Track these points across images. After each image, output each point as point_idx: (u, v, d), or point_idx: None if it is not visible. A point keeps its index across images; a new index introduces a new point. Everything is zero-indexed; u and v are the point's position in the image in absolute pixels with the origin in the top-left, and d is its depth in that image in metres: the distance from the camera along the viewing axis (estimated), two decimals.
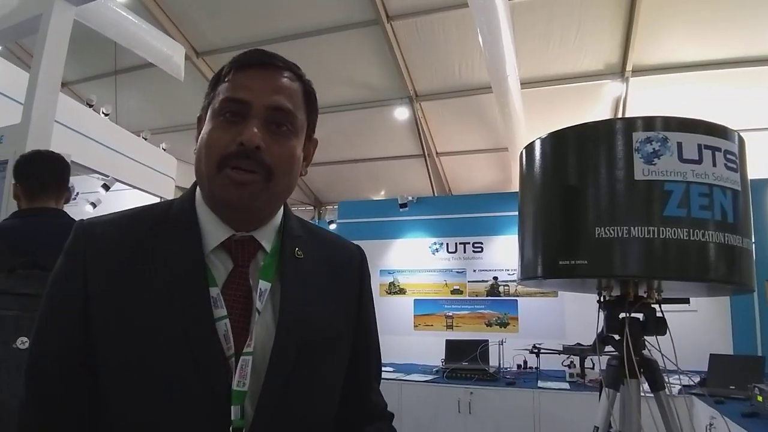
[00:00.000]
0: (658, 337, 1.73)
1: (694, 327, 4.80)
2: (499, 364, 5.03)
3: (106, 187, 5.32)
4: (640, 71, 7.04)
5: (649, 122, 1.53)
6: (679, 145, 1.47)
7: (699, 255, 1.46)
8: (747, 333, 4.82)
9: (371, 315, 1.10)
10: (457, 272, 5.96)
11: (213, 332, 0.83)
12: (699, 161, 1.47)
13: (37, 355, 0.86)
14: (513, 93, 6.51)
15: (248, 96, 0.87)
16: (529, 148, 1.79)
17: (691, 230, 1.43)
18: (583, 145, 1.63)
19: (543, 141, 1.74)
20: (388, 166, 9.78)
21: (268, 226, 0.95)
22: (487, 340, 5.14)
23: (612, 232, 1.47)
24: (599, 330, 1.73)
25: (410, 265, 6.16)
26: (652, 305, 1.65)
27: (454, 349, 5.24)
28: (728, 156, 1.51)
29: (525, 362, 5.17)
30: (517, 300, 5.66)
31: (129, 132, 6.33)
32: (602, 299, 1.74)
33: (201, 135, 0.90)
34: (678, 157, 1.47)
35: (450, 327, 5.85)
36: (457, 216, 6.06)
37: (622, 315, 1.65)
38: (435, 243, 6.10)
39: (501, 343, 5.08)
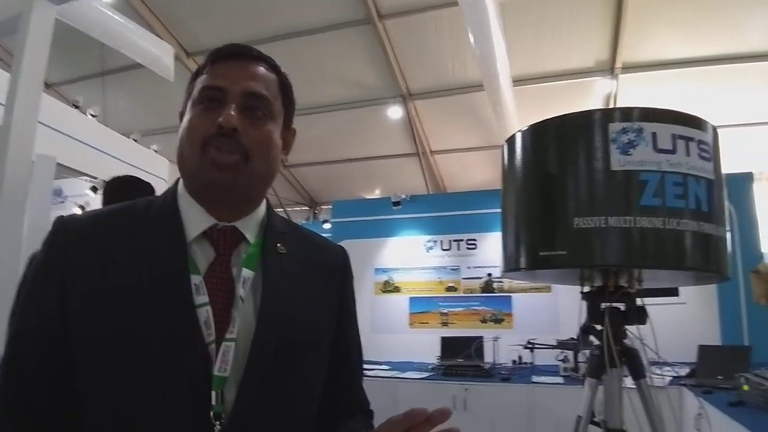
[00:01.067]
0: (642, 328, 1.74)
1: (683, 319, 4.85)
2: (494, 360, 5.04)
3: (95, 189, 5.31)
4: (629, 68, 7.08)
5: (624, 113, 1.55)
6: (654, 135, 1.49)
7: (675, 243, 1.47)
8: (734, 323, 4.87)
9: (353, 314, 1.12)
10: (452, 269, 5.97)
11: (194, 318, 0.84)
12: (673, 151, 1.48)
13: (14, 348, 0.87)
14: (504, 90, 6.53)
15: (224, 83, 0.91)
16: (510, 140, 1.80)
17: (667, 219, 1.45)
18: (562, 136, 1.64)
19: (524, 134, 1.76)
20: (383, 165, 9.78)
21: (250, 218, 0.97)
22: (482, 337, 5.15)
23: (591, 222, 1.49)
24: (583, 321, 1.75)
25: (405, 263, 6.17)
26: (633, 295, 1.66)
27: (449, 346, 5.24)
28: (702, 146, 1.52)
29: (520, 358, 5.18)
30: (511, 296, 5.68)
31: (118, 133, 6.34)
32: (584, 290, 1.75)
33: (182, 125, 0.93)
34: (653, 147, 1.48)
35: (445, 324, 5.87)
36: (451, 213, 6.07)
37: (603, 305, 1.67)
38: (429, 241, 6.12)
39: (495, 339, 5.10)
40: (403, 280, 6.13)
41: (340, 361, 1.06)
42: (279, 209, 11.09)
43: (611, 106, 7.36)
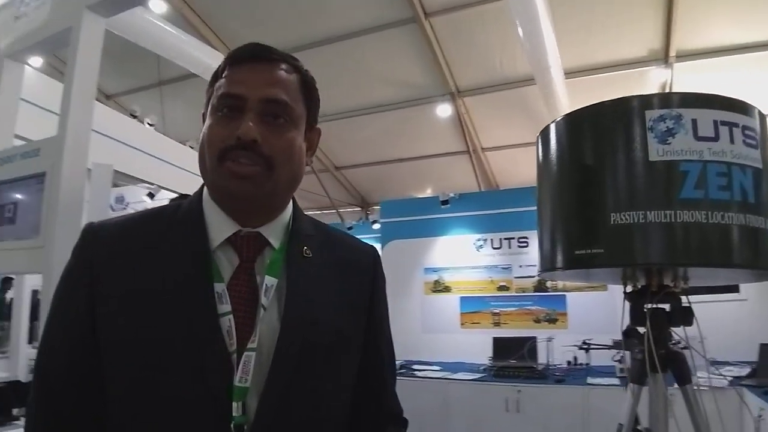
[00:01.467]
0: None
1: (744, 316, 4.64)
2: (548, 361, 4.91)
3: (151, 196, 5.49)
4: (684, 56, 6.82)
5: (663, 99, 1.45)
6: (694, 122, 1.38)
7: (721, 239, 1.36)
8: None
9: (384, 318, 1.09)
10: (503, 268, 5.85)
11: (216, 328, 0.83)
12: (715, 138, 1.37)
13: (45, 354, 0.89)
14: (557, 83, 6.39)
15: (243, 90, 0.88)
16: (545, 132, 1.72)
17: (710, 212, 1.34)
18: (597, 126, 1.54)
19: (558, 124, 1.67)
20: (433, 163, 9.72)
21: (275, 223, 0.95)
22: (535, 337, 5.03)
23: (628, 217, 1.39)
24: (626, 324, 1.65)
25: (455, 262, 6.08)
26: (678, 295, 1.55)
27: (501, 346, 5.15)
28: (747, 132, 1.40)
29: (575, 358, 5.02)
30: (565, 295, 5.50)
31: (174, 141, 6.53)
32: (627, 290, 1.65)
33: (202, 131, 0.91)
34: (693, 134, 1.37)
35: (497, 324, 5.75)
36: (501, 211, 5.94)
37: (647, 306, 1.57)
38: (479, 239, 6.01)
39: (549, 339, 4.96)
40: (453, 279, 6.04)
41: (371, 366, 1.03)
42: (331, 210, 11.24)
43: None
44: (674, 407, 1.64)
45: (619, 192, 1.43)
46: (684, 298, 1.59)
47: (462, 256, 6.06)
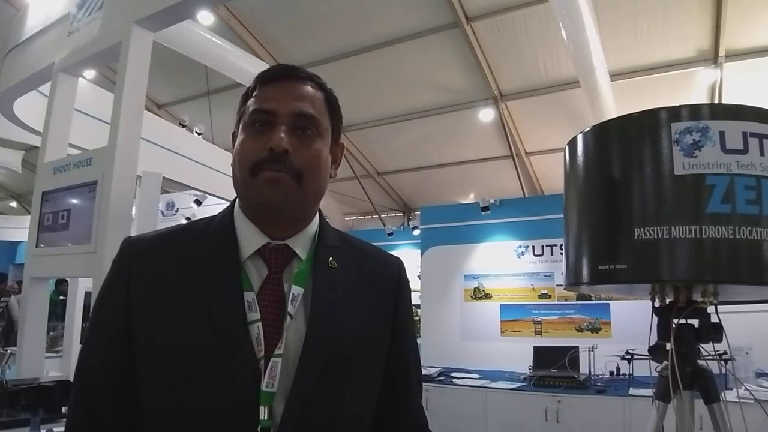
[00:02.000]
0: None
1: None
2: (590, 371, 4.79)
3: (198, 203, 5.64)
4: (734, 56, 6.59)
5: (692, 111, 1.41)
6: (722, 134, 1.33)
7: (750, 254, 1.31)
8: None
9: (409, 328, 1.11)
10: (545, 276, 5.75)
11: (245, 335, 0.87)
12: (744, 151, 1.32)
13: (85, 360, 0.95)
14: (602, 86, 6.27)
15: (274, 106, 0.94)
16: (572, 143, 1.70)
17: (738, 227, 1.29)
18: (624, 138, 1.51)
19: (585, 135, 1.65)
20: (476, 168, 9.65)
21: (302, 235, 0.99)
22: (577, 347, 4.92)
23: (652, 233, 1.36)
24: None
25: (495, 269, 6.00)
26: (707, 310, 1.50)
27: (542, 355, 5.06)
28: None
29: (618, 369, 4.88)
30: (609, 304, 5.36)
31: (221, 148, 6.70)
32: (655, 305, 1.61)
33: (235, 147, 0.96)
34: (721, 147, 1.33)
35: (539, 333, 5.65)
36: (543, 217, 5.82)
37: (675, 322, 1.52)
38: (520, 246, 5.92)
39: (591, 349, 4.85)
40: (494, 286, 5.97)
41: (397, 375, 1.05)
42: (374, 216, 11.28)
43: (716, 97, 6.89)
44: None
45: (644, 206, 1.40)
46: (714, 314, 1.53)
47: (503, 263, 5.98)
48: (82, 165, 3.23)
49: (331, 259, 0.99)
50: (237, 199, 1.01)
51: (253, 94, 0.97)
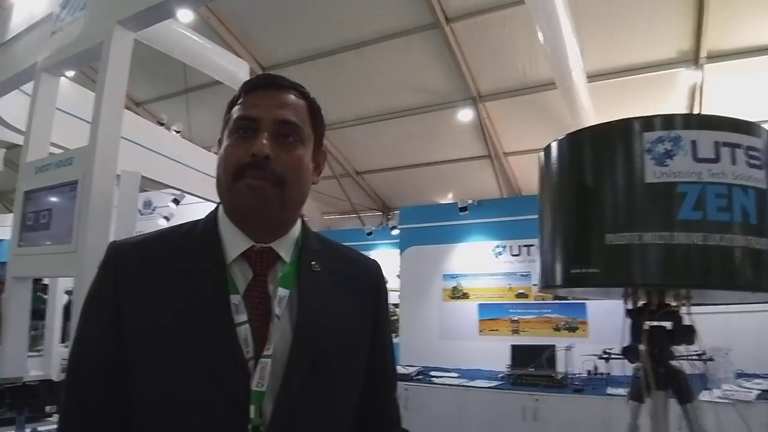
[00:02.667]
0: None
1: None
2: (567, 370, 4.86)
3: (176, 202, 5.59)
4: (715, 57, 6.60)
5: (665, 120, 1.45)
6: (693, 143, 1.37)
7: (721, 260, 1.35)
8: None
9: (387, 330, 1.15)
10: (522, 275, 5.81)
11: (233, 336, 0.89)
12: (716, 160, 1.36)
13: (75, 362, 0.96)
14: (579, 88, 6.32)
15: (257, 113, 0.97)
16: (547, 150, 1.73)
17: (709, 234, 1.33)
18: (598, 147, 1.55)
19: (560, 143, 1.68)
20: (455, 168, 9.68)
21: (286, 239, 1.01)
22: (554, 346, 4.99)
23: (623, 238, 1.39)
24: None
25: (473, 269, 6.06)
26: (679, 313, 1.54)
27: (519, 354, 5.12)
28: (751, 152, 1.39)
29: (595, 368, 4.95)
30: (586, 303, 5.44)
31: (199, 147, 6.62)
32: (628, 307, 1.64)
33: (219, 152, 0.99)
34: (692, 156, 1.37)
35: (516, 332, 5.71)
36: (520, 218, 5.87)
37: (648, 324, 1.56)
38: (498, 246, 5.98)
39: (568, 348, 4.91)
40: (472, 286, 6.03)
41: (377, 374, 1.09)
42: (352, 215, 11.28)
43: (697, 98, 6.96)
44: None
45: (616, 212, 1.44)
46: (687, 317, 1.57)
47: (481, 263, 6.04)
48: (64, 165, 3.20)
49: (314, 262, 1.02)
50: (221, 204, 1.02)
51: (238, 102, 1.00)
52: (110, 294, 0.93)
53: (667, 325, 1.59)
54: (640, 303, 1.62)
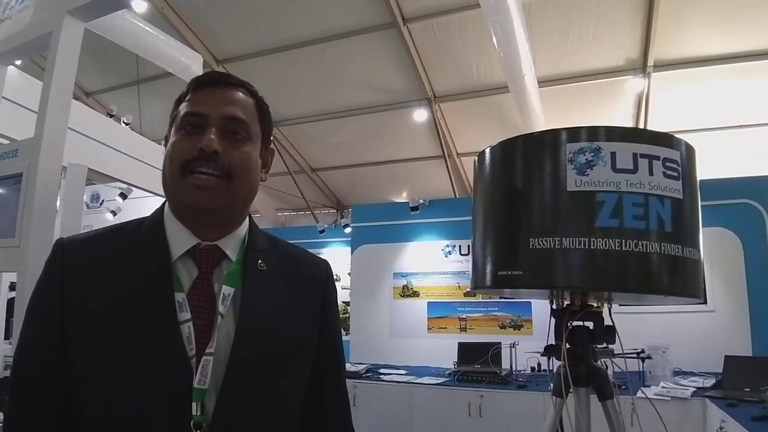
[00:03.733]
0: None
1: (712, 329, 4.73)
2: (511, 366, 4.98)
3: (123, 196, 5.47)
4: (662, 66, 6.87)
5: (590, 132, 1.52)
6: (613, 155, 1.45)
7: (637, 265, 1.43)
8: (767, 334, 4.63)
9: (335, 329, 1.16)
10: (470, 274, 5.90)
11: (176, 334, 0.90)
12: (633, 170, 1.44)
13: (20, 360, 0.95)
14: (530, 92, 6.47)
15: (205, 109, 0.98)
16: (481, 156, 1.79)
17: (625, 240, 1.41)
18: (527, 155, 1.62)
19: (492, 150, 1.74)
20: (409, 168, 9.78)
21: (232, 237, 1.02)
22: (500, 343, 5.09)
23: (545, 243, 1.46)
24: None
25: (423, 267, 6.14)
26: (600, 314, 1.63)
27: (466, 351, 5.21)
28: (668, 164, 1.47)
29: (539, 365, 5.09)
30: (530, 302, 5.58)
31: (149, 140, 6.50)
32: (553, 307, 1.73)
33: (166, 149, 0.99)
34: (611, 166, 1.45)
35: (464, 330, 5.82)
36: (469, 218, 5.98)
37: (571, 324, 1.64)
38: (447, 245, 6.08)
39: (513, 345, 5.03)
40: (422, 284, 6.11)
41: (325, 371, 1.11)
42: (306, 212, 11.26)
43: (643, 106, 7.21)
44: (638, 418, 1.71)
45: (541, 218, 1.51)
46: (607, 317, 1.66)
47: (430, 262, 6.12)
48: (8, 156, 3.10)
49: (260, 261, 1.03)
50: (166, 202, 1.03)
51: (186, 99, 1.01)
52: (56, 292, 0.94)
53: (590, 325, 1.67)
54: (565, 303, 1.70)
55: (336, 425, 1.14)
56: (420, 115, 8.25)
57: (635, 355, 4.21)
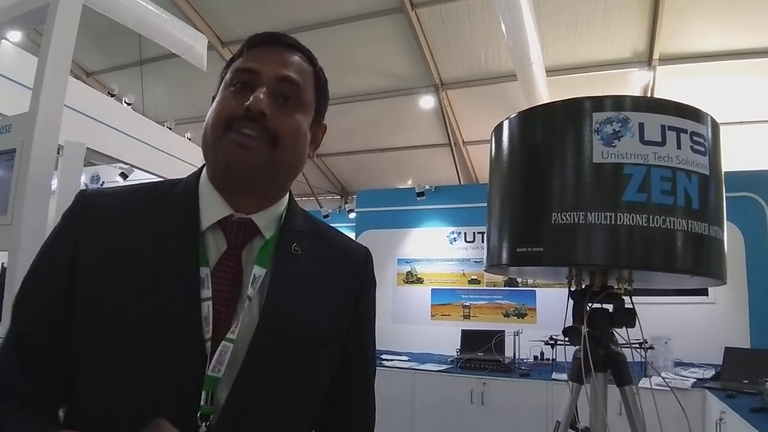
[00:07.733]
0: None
1: (712, 320, 4.73)
2: (514, 355, 4.94)
3: (124, 176, 5.42)
4: (667, 60, 6.87)
5: (615, 102, 1.45)
6: (641, 126, 1.38)
7: (663, 243, 1.37)
8: (766, 327, 4.63)
9: (369, 323, 1.07)
10: (475, 262, 5.87)
11: (195, 312, 0.81)
12: (662, 143, 1.37)
13: (20, 311, 0.86)
14: (538, 80, 6.40)
15: (258, 66, 0.88)
16: (498, 128, 1.73)
17: (652, 216, 1.35)
18: (548, 126, 1.55)
19: (510, 121, 1.68)
20: (414, 155, 9.72)
21: (268, 212, 0.92)
22: (503, 331, 5.04)
23: (568, 218, 1.40)
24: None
25: (428, 254, 6.10)
26: (620, 296, 1.57)
27: (469, 339, 5.17)
28: (695, 138, 1.41)
29: (542, 353, 5.05)
30: (535, 291, 5.55)
31: (151, 121, 6.43)
32: (571, 289, 1.66)
33: (212, 106, 0.90)
34: (639, 138, 1.38)
35: (467, 317, 5.78)
36: (475, 205, 5.91)
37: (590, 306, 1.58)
38: (453, 232, 6.03)
39: (516, 333, 4.99)
40: (426, 271, 6.06)
41: (350, 373, 1.02)
42: (311, 197, 11.20)
43: None
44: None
45: (563, 192, 1.43)
46: (627, 300, 1.60)
47: (435, 249, 6.07)
48: (2, 132, 3.04)
49: (294, 245, 0.93)
50: (205, 166, 0.93)
51: (239, 57, 0.92)
52: (70, 245, 0.85)
53: (609, 308, 1.61)
54: (584, 285, 1.64)
55: (354, 425, 1.06)
56: (426, 102, 8.17)
57: (638, 345, 4.19)
